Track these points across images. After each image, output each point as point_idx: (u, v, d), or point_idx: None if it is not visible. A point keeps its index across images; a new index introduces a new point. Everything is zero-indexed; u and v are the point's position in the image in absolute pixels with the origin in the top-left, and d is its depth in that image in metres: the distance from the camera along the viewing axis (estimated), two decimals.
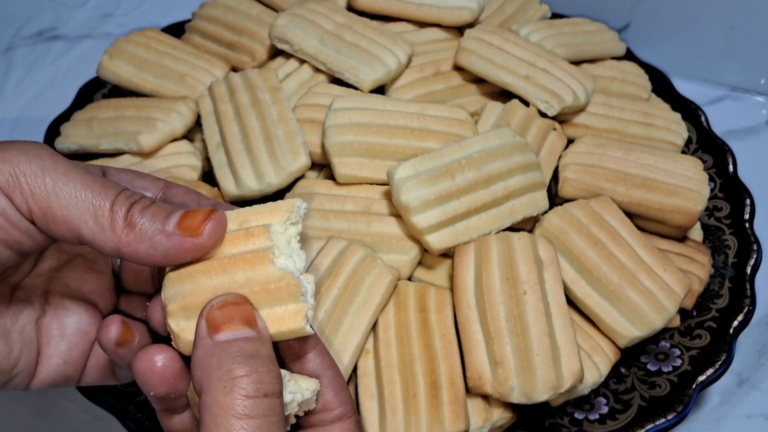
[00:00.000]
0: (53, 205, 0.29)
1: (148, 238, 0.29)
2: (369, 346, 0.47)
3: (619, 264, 0.49)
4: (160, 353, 0.30)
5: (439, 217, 0.48)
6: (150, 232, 0.29)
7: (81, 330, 0.35)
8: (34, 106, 0.80)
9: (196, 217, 0.30)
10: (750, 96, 0.79)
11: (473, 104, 0.61)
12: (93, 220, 0.29)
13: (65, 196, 0.29)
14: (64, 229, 0.29)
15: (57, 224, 0.29)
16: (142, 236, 0.29)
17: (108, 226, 0.29)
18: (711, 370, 0.50)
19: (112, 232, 0.29)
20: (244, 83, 0.58)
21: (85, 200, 0.29)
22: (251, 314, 0.28)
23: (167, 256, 0.29)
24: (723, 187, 0.62)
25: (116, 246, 0.29)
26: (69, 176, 0.29)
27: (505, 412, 0.46)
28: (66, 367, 0.35)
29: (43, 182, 0.29)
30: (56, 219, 0.29)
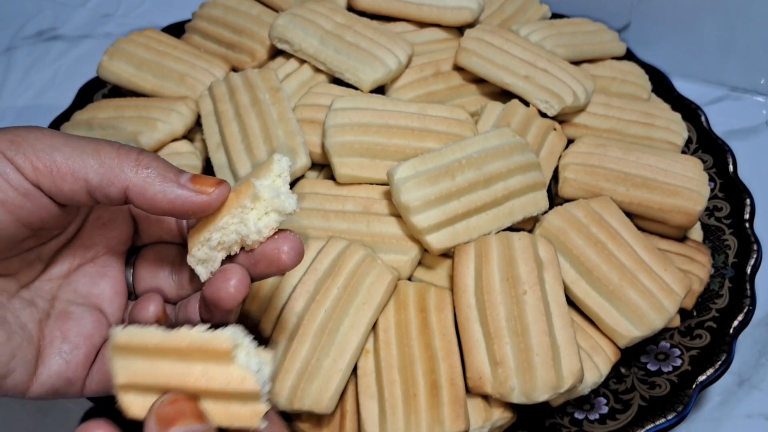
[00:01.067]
0: (57, 159, 0.29)
1: (159, 183, 0.30)
2: (369, 346, 0.47)
3: (619, 264, 0.49)
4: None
5: (439, 217, 0.48)
6: (162, 178, 0.30)
7: (85, 333, 0.35)
8: (34, 106, 0.80)
9: (206, 180, 0.31)
10: (750, 96, 0.79)
11: (473, 104, 0.61)
12: (98, 163, 0.30)
13: (68, 150, 0.30)
14: (70, 180, 0.30)
15: (63, 177, 0.29)
16: (152, 180, 0.30)
17: (116, 165, 0.30)
18: (711, 370, 0.50)
19: (120, 169, 0.30)
20: (244, 83, 0.58)
21: (88, 147, 0.30)
22: (198, 411, 0.28)
23: (173, 204, 0.30)
24: (723, 187, 0.62)
25: (124, 185, 0.30)
26: (69, 137, 0.30)
27: (505, 412, 0.46)
28: (67, 369, 0.34)
29: (46, 142, 0.30)
30: (61, 171, 0.29)
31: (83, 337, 0.34)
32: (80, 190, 0.30)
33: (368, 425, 0.44)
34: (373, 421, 0.44)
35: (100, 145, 0.31)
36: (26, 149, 0.29)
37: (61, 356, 0.34)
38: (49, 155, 0.30)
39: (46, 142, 0.30)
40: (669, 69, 0.72)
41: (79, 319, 0.35)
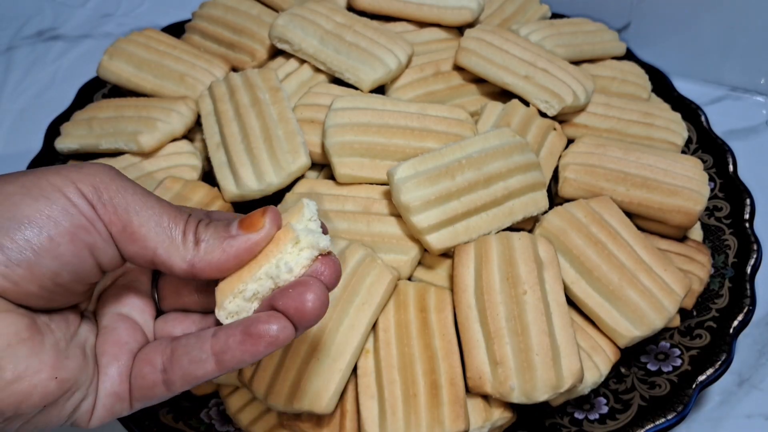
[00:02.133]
0: (134, 222, 0.30)
1: (218, 247, 0.31)
2: (369, 346, 0.47)
3: (619, 264, 0.49)
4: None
5: (439, 217, 0.48)
6: (216, 241, 0.31)
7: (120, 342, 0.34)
8: (34, 106, 0.80)
9: (253, 215, 0.32)
10: (750, 96, 0.79)
11: (473, 104, 0.61)
12: (169, 241, 0.31)
13: (144, 215, 0.31)
14: (139, 246, 0.31)
15: (135, 241, 0.30)
16: (211, 248, 0.31)
17: (181, 244, 0.31)
18: (711, 369, 0.50)
19: (184, 251, 0.31)
20: (244, 83, 0.58)
21: (161, 219, 0.31)
22: None
23: (239, 255, 0.31)
24: (723, 187, 0.62)
25: (190, 263, 0.31)
26: (146, 197, 0.31)
27: (505, 412, 0.46)
28: (112, 384, 0.32)
29: (124, 199, 0.30)
30: (134, 236, 0.30)
31: (117, 346, 0.33)
32: (145, 257, 0.31)
33: (368, 425, 0.44)
34: (373, 421, 0.44)
35: (170, 218, 0.31)
36: (106, 201, 0.30)
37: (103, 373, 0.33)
38: (126, 215, 0.30)
39: (126, 197, 0.30)
40: (669, 69, 0.72)
41: (113, 330, 0.34)
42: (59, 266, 0.29)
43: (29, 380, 0.28)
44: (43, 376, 0.29)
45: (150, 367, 0.32)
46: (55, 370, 0.29)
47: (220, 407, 0.50)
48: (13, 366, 0.28)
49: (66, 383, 0.30)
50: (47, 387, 0.29)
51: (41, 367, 0.29)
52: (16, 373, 0.28)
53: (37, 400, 0.29)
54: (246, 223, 0.32)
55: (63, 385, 0.30)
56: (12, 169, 0.32)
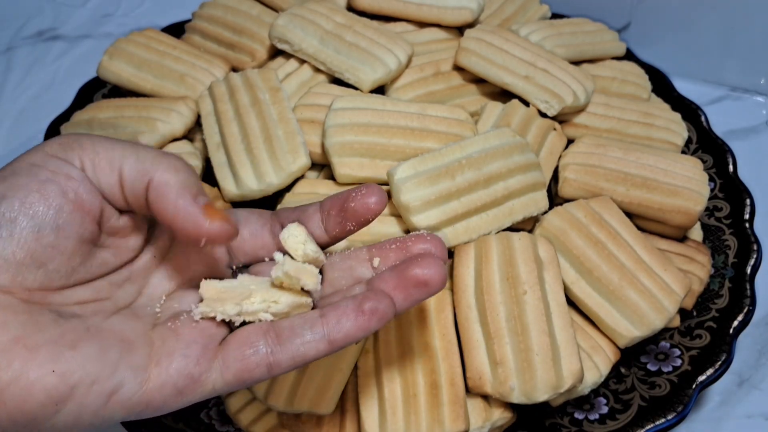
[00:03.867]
0: (98, 150, 0.32)
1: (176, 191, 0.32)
2: (369, 346, 0.47)
3: (619, 264, 0.49)
4: None
5: (439, 217, 0.48)
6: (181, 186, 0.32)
7: (198, 327, 0.33)
8: (34, 106, 0.80)
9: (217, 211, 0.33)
10: (750, 96, 0.79)
11: (473, 104, 0.61)
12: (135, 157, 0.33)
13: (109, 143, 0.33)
14: (107, 171, 0.32)
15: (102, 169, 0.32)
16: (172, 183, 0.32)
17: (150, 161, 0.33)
18: (711, 370, 0.50)
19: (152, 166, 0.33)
20: (244, 83, 0.58)
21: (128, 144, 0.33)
22: None
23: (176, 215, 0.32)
24: (723, 187, 0.62)
25: (148, 178, 0.32)
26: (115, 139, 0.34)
27: (505, 412, 0.46)
28: (187, 364, 0.31)
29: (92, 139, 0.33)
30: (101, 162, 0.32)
31: (198, 330, 0.33)
32: (115, 184, 0.32)
33: (368, 425, 0.44)
34: (373, 421, 0.44)
35: (139, 145, 0.33)
36: (76, 148, 0.32)
37: (177, 353, 0.32)
38: (92, 148, 0.32)
39: (91, 139, 0.32)
40: (669, 69, 0.72)
41: (189, 318, 0.33)
42: (35, 223, 0.30)
43: (26, 378, 0.28)
44: (41, 372, 0.28)
45: (252, 349, 0.32)
46: (53, 364, 0.28)
47: (220, 407, 0.50)
48: (6, 365, 0.28)
49: (69, 376, 0.29)
50: (48, 382, 0.28)
51: (38, 364, 0.28)
52: (10, 373, 0.28)
53: (42, 397, 0.28)
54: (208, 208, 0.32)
55: (66, 378, 0.29)
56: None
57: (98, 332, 0.31)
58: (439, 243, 0.36)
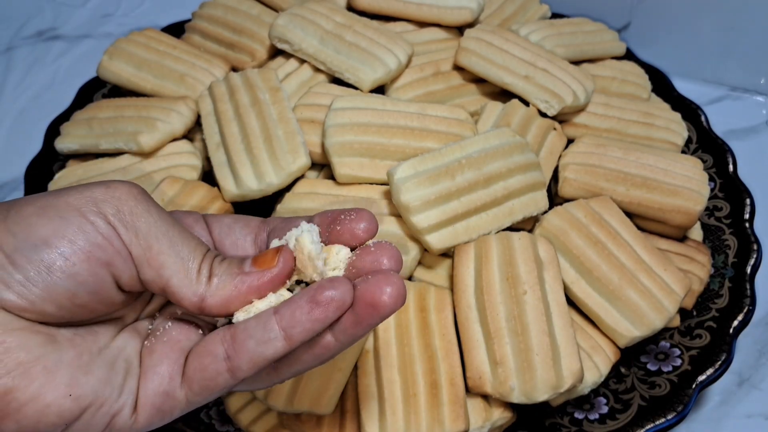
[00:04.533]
0: (153, 247, 0.30)
1: (230, 283, 0.31)
2: (369, 346, 0.47)
3: (619, 264, 0.49)
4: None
5: (439, 217, 0.48)
6: (229, 277, 0.31)
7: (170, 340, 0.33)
8: (34, 106, 0.80)
9: (267, 253, 0.32)
10: (750, 96, 0.79)
11: (473, 104, 0.61)
12: (184, 272, 0.30)
13: (165, 242, 0.30)
14: (154, 273, 0.30)
15: (151, 267, 0.30)
16: (223, 283, 0.31)
17: (194, 279, 0.31)
18: (711, 369, 0.50)
19: (197, 285, 0.31)
20: (244, 83, 0.58)
21: (180, 252, 0.31)
22: None
23: (249, 292, 0.31)
24: (723, 187, 0.62)
25: (201, 297, 0.31)
26: (169, 224, 0.31)
27: (505, 412, 0.46)
28: (161, 383, 0.31)
29: (146, 223, 0.30)
30: (152, 261, 0.30)
31: (169, 345, 0.33)
32: (158, 285, 0.31)
33: (368, 425, 0.44)
34: (373, 420, 0.44)
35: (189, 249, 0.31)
36: (128, 224, 0.30)
37: (150, 372, 0.32)
38: (146, 240, 0.30)
39: (148, 221, 0.30)
40: (669, 69, 0.72)
41: (164, 332, 0.33)
42: (75, 285, 0.29)
43: (43, 400, 0.28)
44: (57, 394, 0.28)
45: (211, 357, 0.31)
46: (70, 388, 0.29)
47: (220, 407, 0.50)
48: (26, 386, 0.28)
49: (83, 399, 0.29)
50: (62, 405, 0.29)
51: (55, 386, 0.29)
52: (28, 393, 0.28)
53: (55, 419, 0.28)
54: (260, 261, 0.31)
55: (80, 402, 0.29)
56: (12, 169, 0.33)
57: (108, 354, 0.31)
58: (391, 252, 0.33)
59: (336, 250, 0.33)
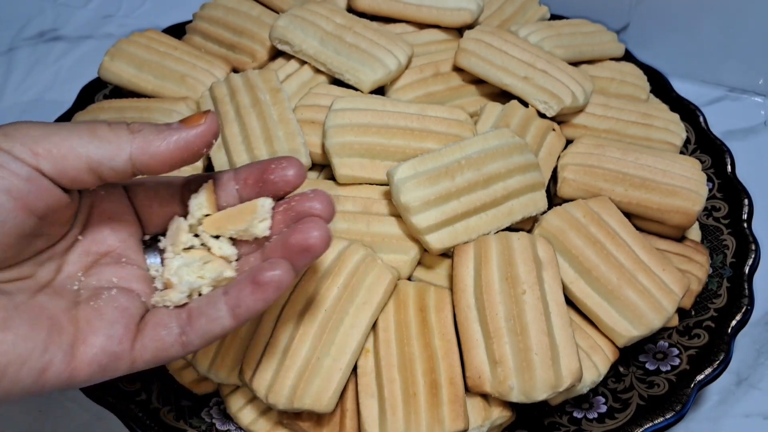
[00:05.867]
0: (55, 141, 0.30)
1: (156, 137, 0.32)
2: (369, 346, 0.47)
3: (617, 264, 0.50)
4: None
5: (439, 217, 0.48)
6: (156, 133, 0.32)
7: (119, 307, 0.35)
8: (36, 107, 0.80)
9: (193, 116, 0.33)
10: (748, 96, 0.79)
11: (473, 105, 0.61)
12: (97, 140, 0.31)
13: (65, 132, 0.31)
14: (73, 160, 0.30)
15: (65, 158, 0.30)
16: (149, 138, 0.32)
17: (113, 137, 0.31)
18: (709, 369, 0.50)
19: (118, 140, 0.31)
20: (244, 84, 0.58)
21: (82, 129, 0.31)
22: None
23: (179, 148, 0.32)
24: (721, 188, 0.62)
25: (128, 154, 0.31)
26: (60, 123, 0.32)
27: (505, 411, 0.47)
28: (110, 343, 0.33)
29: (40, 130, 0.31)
30: (62, 152, 0.30)
31: (119, 311, 0.34)
32: (84, 169, 0.31)
33: (368, 424, 0.44)
34: (373, 420, 0.44)
35: (92, 125, 0.32)
36: (22, 138, 0.30)
37: (101, 332, 0.33)
38: (47, 139, 0.30)
39: (40, 130, 0.31)
40: (667, 70, 0.72)
41: (110, 298, 0.35)
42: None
43: None
44: None
45: (166, 330, 0.34)
46: None
47: (220, 406, 0.50)
48: None
49: (3, 356, 0.30)
50: None
51: None
52: None
53: None
54: (186, 120, 0.33)
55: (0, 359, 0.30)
56: None
57: (27, 310, 0.32)
58: (323, 198, 0.36)
59: (261, 202, 0.36)
